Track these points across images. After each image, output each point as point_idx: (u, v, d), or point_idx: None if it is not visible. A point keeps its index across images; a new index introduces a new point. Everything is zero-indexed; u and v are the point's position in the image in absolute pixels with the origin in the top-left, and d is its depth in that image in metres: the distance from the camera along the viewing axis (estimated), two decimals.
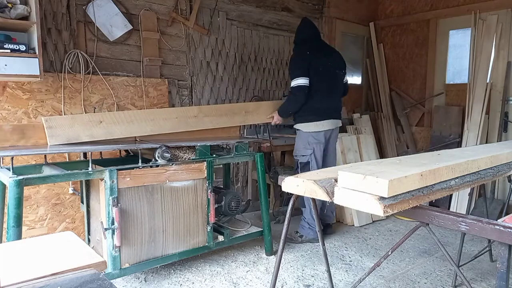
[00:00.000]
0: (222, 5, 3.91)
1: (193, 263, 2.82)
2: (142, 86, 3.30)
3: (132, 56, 3.32)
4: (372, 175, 1.23)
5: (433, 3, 4.96)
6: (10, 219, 1.91)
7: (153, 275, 2.65)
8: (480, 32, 4.34)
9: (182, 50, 3.65)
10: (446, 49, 4.93)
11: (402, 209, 1.27)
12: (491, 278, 2.66)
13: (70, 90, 2.93)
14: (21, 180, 1.92)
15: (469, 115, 4.35)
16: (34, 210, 2.80)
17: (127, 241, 2.28)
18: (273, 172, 3.71)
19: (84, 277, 0.96)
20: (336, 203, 1.35)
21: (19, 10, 2.41)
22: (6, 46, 2.35)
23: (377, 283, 2.58)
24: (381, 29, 5.51)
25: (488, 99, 4.27)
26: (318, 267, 2.82)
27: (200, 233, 2.62)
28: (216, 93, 3.95)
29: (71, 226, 2.97)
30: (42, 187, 2.81)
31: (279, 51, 4.46)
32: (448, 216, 1.34)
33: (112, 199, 2.19)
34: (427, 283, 2.60)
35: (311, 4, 4.79)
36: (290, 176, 1.59)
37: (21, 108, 2.73)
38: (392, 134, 5.28)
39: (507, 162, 1.85)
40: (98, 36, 3.11)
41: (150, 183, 2.35)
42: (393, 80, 5.44)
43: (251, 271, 2.73)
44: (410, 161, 1.60)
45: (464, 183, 1.52)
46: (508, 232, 1.19)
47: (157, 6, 3.44)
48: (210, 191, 2.60)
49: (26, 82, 2.71)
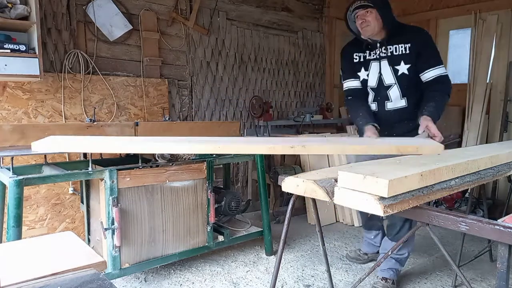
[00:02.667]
0: (222, 5, 3.91)
1: (193, 263, 2.82)
2: (142, 86, 3.30)
3: (132, 56, 3.32)
4: (372, 175, 1.23)
5: (433, 3, 4.96)
6: (10, 219, 1.91)
7: (153, 275, 2.65)
8: (480, 32, 4.34)
9: (182, 50, 3.65)
10: (446, 49, 4.92)
11: (402, 209, 1.27)
12: (491, 278, 2.66)
13: (70, 90, 2.93)
14: (21, 180, 1.92)
15: (469, 115, 4.35)
16: (34, 210, 2.80)
17: (127, 241, 2.28)
18: (273, 172, 3.71)
19: (84, 277, 0.96)
20: (336, 203, 1.35)
21: (19, 10, 2.41)
22: (6, 46, 2.35)
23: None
24: None
25: (488, 99, 4.27)
26: (318, 267, 2.81)
27: (200, 233, 2.62)
28: (216, 93, 3.95)
29: (71, 226, 2.97)
30: (42, 187, 2.81)
31: (279, 51, 4.46)
32: (448, 216, 1.34)
33: (112, 199, 2.19)
34: (427, 283, 2.60)
35: (311, 4, 4.79)
36: (290, 176, 1.59)
37: (21, 108, 2.73)
38: None
39: (507, 162, 1.85)
40: (98, 36, 3.11)
41: (150, 183, 2.35)
42: None
43: (251, 271, 2.73)
44: (410, 161, 1.60)
45: (464, 183, 1.52)
46: (508, 232, 1.19)
47: (157, 6, 3.44)
48: (210, 191, 2.60)
49: (26, 82, 2.71)
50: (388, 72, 2.32)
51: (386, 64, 2.31)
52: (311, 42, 4.82)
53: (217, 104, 3.97)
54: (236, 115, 4.14)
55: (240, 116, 4.17)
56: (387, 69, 2.32)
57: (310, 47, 4.81)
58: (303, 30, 4.71)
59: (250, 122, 4.22)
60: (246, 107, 4.17)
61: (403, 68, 2.27)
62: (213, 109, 3.94)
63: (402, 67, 2.27)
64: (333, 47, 5.04)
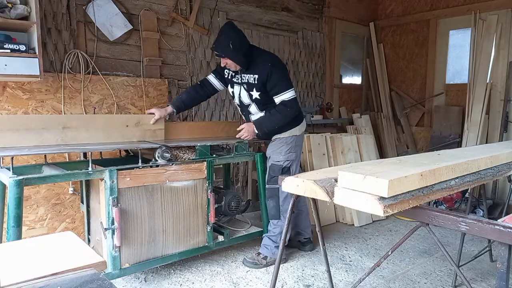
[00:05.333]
0: (222, 5, 3.91)
1: (193, 263, 2.82)
2: (142, 86, 3.30)
3: (132, 56, 3.32)
4: (372, 175, 1.23)
5: (433, 3, 4.97)
6: (10, 219, 1.91)
7: (153, 275, 2.65)
8: (480, 32, 4.35)
9: (182, 50, 3.65)
10: (446, 49, 4.93)
11: (402, 209, 1.27)
12: (491, 278, 2.66)
13: (70, 90, 2.93)
14: (21, 180, 1.92)
15: (469, 115, 4.35)
16: (34, 210, 2.80)
17: (127, 241, 2.28)
18: None
19: (84, 277, 0.96)
20: (336, 203, 1.35)
21: (19, 10, 2.41)
22: (6, 46, 2.35)
23: (377, 283, 2.58)
24: (381, 29, 5.51)
25: (488, 99, 4.28)
26: (318, 267, 2.81)
27: (200, 233, 2.62)
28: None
29: (71, 226, 2.97)
30: (42, 187, 2.81)
31: (279, 51, 4.45)
32: (448, 216, 1.34)
33: (112, 199, 2.19)
34: (427, 283, 2.60)
35: (311, 4, 4.79)
36: (290, 176, 1.59)
37: (21, 108, 2.73)
38: (392, 134, 5.28)
39: (507, 162, 1.85)
40: (98, 36, 3.11)
41: (150, 183, 2.35)
42: (393, 80, 5.44)
43: (251, 271, 2.73)
44: (410, 161, 1.60)
45: (464, 183, 1.52)
46: (508, 232, 1.19)
47: (157, 6, 3.44)
48: (210, 191, 2.60)
49: (26, 82, 2.71)
50: (245, 96, 2.78)
51: (244, 89, 2.77)
52: (311, 42, 4.82)
53: (217, 104, 3.97)
54: (236, 115, 4.14)
55: (240, 116, 4.17)
56: (244, 93, 2.78)
57: (310, 47, 4.81)
58: (303, 30, 4.72)
59: None
60: None
61: (256, 94, 2.72)
62: (213, 109, 3.94)
63: (255, 93, 2.72)
64: (333, 47, 5.04)
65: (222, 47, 2.59)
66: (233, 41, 2.55)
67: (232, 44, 2.54)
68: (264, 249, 2.84)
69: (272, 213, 2.81)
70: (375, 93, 5.47)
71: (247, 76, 2.70)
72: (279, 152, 2.80)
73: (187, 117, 3.72)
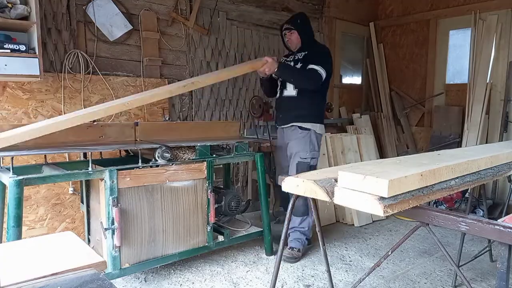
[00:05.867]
0: (222, 5, 3.91)
1: (193, 263, 2.82)
2: (142, 86, 3.31)
3: (132, 56, 3.32)
4: (372, 175, 1.23)
5: (433, 3, 4.96)
6: (10, 219, 1.91)
7: (153, 275, 2.65)
8: (480, 32, 4.35)
9: (182, 50, 3.65)
10: (446, 49, 4.93)
11: (402, 209, 1.27)
12: (491, 278, 2.66)
13: (70, 90, 2.93)
14: (21, 180, 1.92)
15: (469, 115, 4.35)
16: (34, 210, 2.80)
17: (127, 241, 2.28)
18: (273, 172, 3.71)
19: (84, 277, 0.96)
20: (336, 203, 1.35)
21: (19, 10, 2.41)
22: (6, 46, 2.35)
23: (377, 283, 2.58)
24: (381, 29, 5.52)
25: (488, 99, 4.28)
26: (318, 267, 2.81)
27: (200, 233, 2.62)
28: (216, 93, 3.95)
29: (71, 226, 2.97)
30: (42, 187, 2.81)
31: (279, 51, 4.45)
32: (448, 216, 1.34)
33: (112, 199, 2.19)
34: (427, 283, 2.60)
35: (311, 4, 4.79)
36: (290, 176, 1.59)
37: (21, 108, 2.73)
38: (392, 134, 5.28)
39: (507, 162, 1.85)
40: (98, 36, 3.11)
41: (150, 183, 2.35)
42: (393, 80, 5.44)
43: (251, 271, 2.73)
44: (410, 161, 1.60)
45: (464, 183, 1.52)
46: (508, 232, 1.19)
47: (157, 6, 3.44)
48: (210, 191, 2.60)
49: (26, 82, 2.71)
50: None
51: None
52: None
53: (217, 104, 3.97)
54: (236, 115, 4.14)
55: (240, 116, 4.17)
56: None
57: None
58: None
59: (250, 122, 4.22)
60: (246, 107, 4.17)
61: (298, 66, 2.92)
62: (213, 109, 3.94)
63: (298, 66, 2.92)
64: (333, 47, 5.04)
65: (293, 21, 3.04)
66: (303, 19, 3.05)
67: (301, 21, 3.04)
68: (296, 242, 2.99)
69: (302, 210, 2.94)
70: (375, 93, 5.47)
71: (298, 54, 2.99)
72: (305, 149, 2.92)
73: (187, 117, 3.72)
